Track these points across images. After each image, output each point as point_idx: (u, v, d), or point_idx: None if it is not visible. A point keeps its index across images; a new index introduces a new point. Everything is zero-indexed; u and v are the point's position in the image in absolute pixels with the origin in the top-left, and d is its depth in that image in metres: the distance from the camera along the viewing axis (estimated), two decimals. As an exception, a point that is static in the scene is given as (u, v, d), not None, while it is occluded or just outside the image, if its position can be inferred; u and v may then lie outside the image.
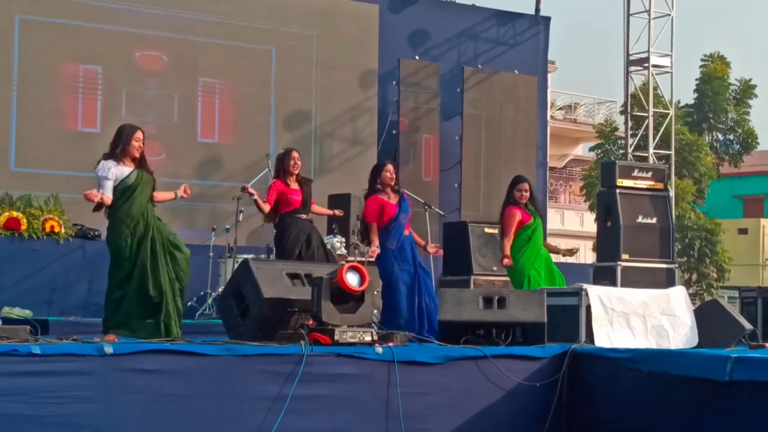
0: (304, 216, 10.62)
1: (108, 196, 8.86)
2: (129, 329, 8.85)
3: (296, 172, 10.62)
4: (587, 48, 78.84)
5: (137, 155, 9.05)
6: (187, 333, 9.60)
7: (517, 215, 10.81)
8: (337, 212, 11.58)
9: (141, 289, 8.85)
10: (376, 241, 10.57)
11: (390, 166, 10.93)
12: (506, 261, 10.76)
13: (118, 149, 9.01)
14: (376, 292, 11.74)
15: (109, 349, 7.16)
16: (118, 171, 8.96)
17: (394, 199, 10.76)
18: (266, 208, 10.42)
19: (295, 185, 10.60)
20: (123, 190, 8.93)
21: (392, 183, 10.80)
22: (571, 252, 11.53)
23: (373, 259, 10.57)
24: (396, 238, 10.64)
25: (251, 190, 10.54)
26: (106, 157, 9.01)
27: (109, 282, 9.07)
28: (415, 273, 10.62)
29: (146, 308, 8.85)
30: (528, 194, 10.95)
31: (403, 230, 10.69)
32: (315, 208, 11.00)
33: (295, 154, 10.67)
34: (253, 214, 13.42)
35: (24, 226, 12.44)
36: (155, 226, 9.01)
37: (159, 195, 9.30)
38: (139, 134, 9.09)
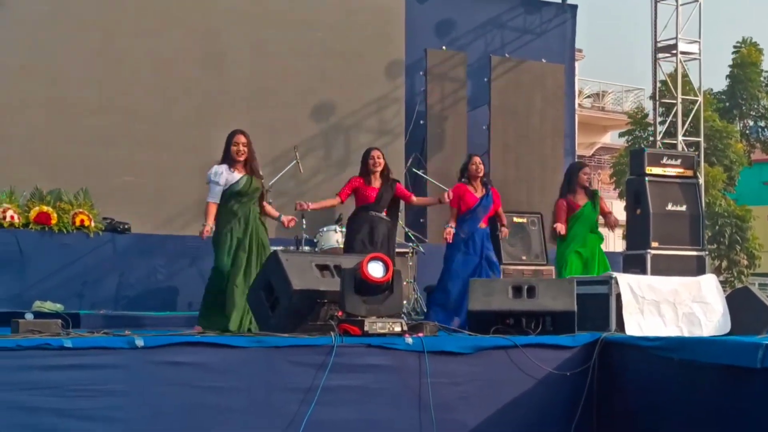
0: (373, 212, 10.93)
1: (211, 219, 9.37)
2: (208, 321, 9.20)
3: (377, 170, 11.02)
4: (615, 35, 78.52)
5: (240, 159, 9.47)
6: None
7: (564, 206, 11.56)
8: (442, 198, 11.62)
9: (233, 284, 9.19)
10: (452, 223, 11.07)
11: (477, 159, 11.36)
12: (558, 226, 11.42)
13: (227, 156, 9.46)
14: (405, 282, 11.91)
15: (140, 342, 7.20)
16: (229, 176, 9.44)
17: (479, 192, 11.18)
18: (332, 203, 11.15)
19: (376, 183, 11.02)
20: (231, 195, 9.40)
21: (479, 175, 11.21)
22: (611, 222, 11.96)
23: (449, 240, 11.04)
24: (469, 229, 11.04)
25: (305, 206, 10.81)
26: (220, 162, 9.49)
27: (210, 278, 9.48)
28: (479, 266, 10.96)
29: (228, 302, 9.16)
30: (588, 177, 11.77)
31: (478, 223, 11.09)
32: (418, 200, 11.85)
33: (374, 153, 11.11)
34: (282, 205, 13.45)
35: (54, 221, 12.48)
36: (255, 228, 9.42)
37: (268, 209, 9.89)
38: (239, 137, 9.54)
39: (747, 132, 31.41)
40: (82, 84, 13.50)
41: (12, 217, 12.35)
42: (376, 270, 8.07)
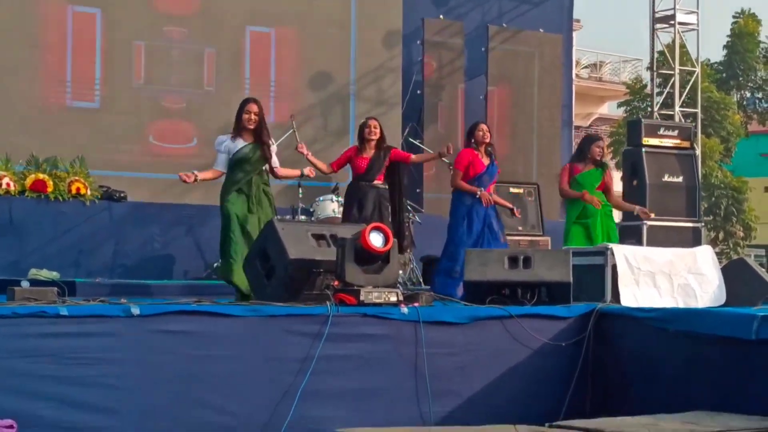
0: (364, 182, 11.02)
1: (202, 174, 9.49)
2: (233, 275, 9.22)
3: (372, 139, 11.04)
4: (612, 5, 78.30)
5: (251, 127, 9.48)
6: (213, 294, 9.66)
7: (566, 170, 11.59)
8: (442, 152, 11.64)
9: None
10: (469, 187, 11.00)
11: (483, 126, 11.29)
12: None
13: (237, 123, 9.49)
14: (408, 251, 12.01)
15: (136, 311, 7.20)
16: (231, 145, 9.48)
17: (485, 160, 11.12)
18: (323, 166, 11.08)
19: (369, 153, 11.06)
20: (234, 163, 9.45)
21: (485, 141, 11.14)
22: (646, 214, 12.08)
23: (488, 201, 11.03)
24: (473, 196, 10.99)
25: (304, 150, 10.87)
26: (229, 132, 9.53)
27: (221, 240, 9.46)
28: (482, 234, 10.96)
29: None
30: (601, 152, 11.67)
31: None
32: (417, 157, 11.99)
33: (371, 122, 11.15)
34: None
35: (50, 189, 12.47)
36: (258, 200, 9.43)
37: (283, 171, 9.83)
38: (251, 106, 9.53)
39: (744, 103, 31.40)
40: (80, 51, 13.44)
41: (8, 185, 12.36)
42: (376, 240, 8.07)
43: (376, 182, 11.06)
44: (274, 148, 9.69)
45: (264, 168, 9.59)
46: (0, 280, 10.08)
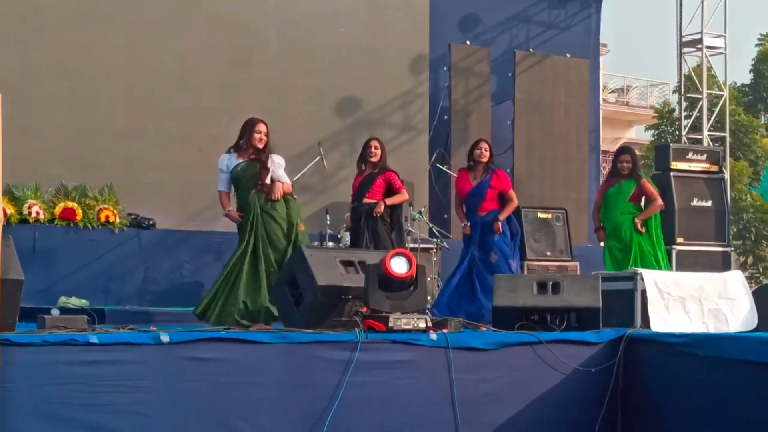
0: (355, 203, 10.98)
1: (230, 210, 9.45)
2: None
3: (372, 159, 10.99)
4: (640, 30, 78.23)
5: (260, 146, 9.39)
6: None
7: (598, 194, 11.52)
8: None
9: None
10: (461, 216, 11.13)
11: (483, 144, 11.16)
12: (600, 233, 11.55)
13: (240, 142, 9.42)
14: (429, 278, 11.90)
15: (165, 338, 7.22)
16: (230, 162, 9.40)
17: (477, 179, 11.01)
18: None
19: (368, 172, 11.01)
20: (231, 182, 9.42)
21: (483, 160, 11.01)
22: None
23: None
24: (468, 220, 11.02)
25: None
26: (229, 150, 9.45)
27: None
28: (472, 257, 10.89)
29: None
30: (628, 165, 11.38)
31: (474, 213, 11.00)
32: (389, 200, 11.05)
33: (372, 143, 11.10)
34: (306, 201, 13.41)
35: (79, 216, 12.53)
36: (261, 217, 9.24)
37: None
38: (260, 126, 9.45)
39: (772, 126, 31.27)
40: (109, 80, 13.51)
41: (37, 213, 12.41)
42: (398, 266, 8.06)
43: (365, 200, 10.92)
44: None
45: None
46: (30, 308, 10.06)
